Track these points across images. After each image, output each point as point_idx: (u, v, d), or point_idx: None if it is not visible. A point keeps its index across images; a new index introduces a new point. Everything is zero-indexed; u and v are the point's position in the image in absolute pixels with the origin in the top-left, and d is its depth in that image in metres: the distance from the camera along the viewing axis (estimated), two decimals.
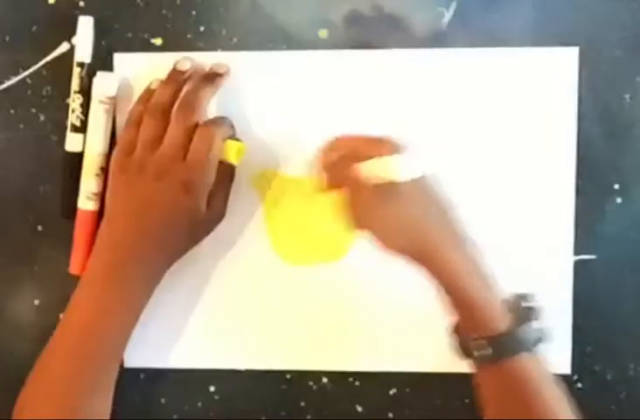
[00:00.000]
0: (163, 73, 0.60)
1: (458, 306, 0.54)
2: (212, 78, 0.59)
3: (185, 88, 0.58)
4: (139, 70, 0.62)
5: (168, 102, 0.58)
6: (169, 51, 0.62)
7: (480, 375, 0.54)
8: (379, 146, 0.52)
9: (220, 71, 0.59)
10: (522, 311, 0.54)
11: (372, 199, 0.52)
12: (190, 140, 0.56)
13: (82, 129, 0.61)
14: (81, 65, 0.61)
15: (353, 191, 0.53)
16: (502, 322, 0.52)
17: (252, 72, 0.62)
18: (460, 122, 0.61)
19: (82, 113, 0.61)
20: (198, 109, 0.57)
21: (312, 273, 0.63)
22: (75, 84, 0.61)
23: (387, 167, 0.51)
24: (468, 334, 0.54)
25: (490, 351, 0.52)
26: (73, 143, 0.62)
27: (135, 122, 0.58)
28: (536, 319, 0.54)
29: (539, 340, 0.53)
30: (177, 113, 0.57)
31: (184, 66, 0.58)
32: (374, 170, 0.51)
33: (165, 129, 0.57)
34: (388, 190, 0.52)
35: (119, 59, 0.62)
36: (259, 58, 0.61)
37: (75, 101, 0.61)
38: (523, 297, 0.55)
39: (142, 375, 0.65)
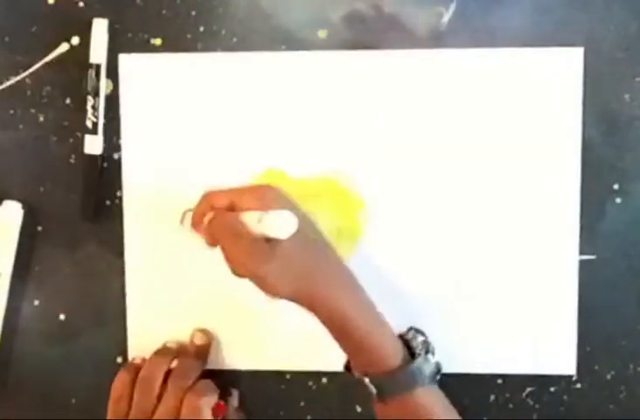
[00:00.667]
0: (165, 74, 0.61)
1: (348, 344, 0.55)
2: (199, 352, 0.62)
3: (176, 363, 0.60)
4: (143, 70, 0.62)
5: (158, 377, 0.59)
6: (168, 51, 0.62)
7: (378, 409, 0.56)
8: (252, 198, 0.52)
9: (200, 342, 0.62)
10: (415, 345, 0.55)
11: (255, 249, 0.51)
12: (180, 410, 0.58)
13: (95, 130, 0.61)
14: (93, 66, 0.61)
15: (234, 242, 0.52)
16: (393, 360, 0.54)
17: (252, 72, 0.62)
18: (462, 123, 0.61)
19: (94, 114, 0.61)
20: (190, 382, 0.59)
21: None
22: (88, 86, 0.61)
23: (268, 225, 0.50)
24: (360, 370, 0.56)
25: (374, 390, 0.55)
26: (89, 145, 0.62)
27: (123, 396, 0.59)
28: (431, 353, 0.56)
29: (434, 374, 0.55)
30: (172, 386, 0.59)
31: (173, 345, 0.62)
32: (255, 227, 0.50)
33: (154, 403, 0.58)
34: (270, 241, 0.51)
35: (123, 59, 0.62)
36: (259, 58, 0.61)
37: (87, 103, 0.61)
38: (415, 331, 0.57)
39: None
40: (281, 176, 0.62)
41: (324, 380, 0.64)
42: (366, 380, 0.55)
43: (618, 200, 0.61)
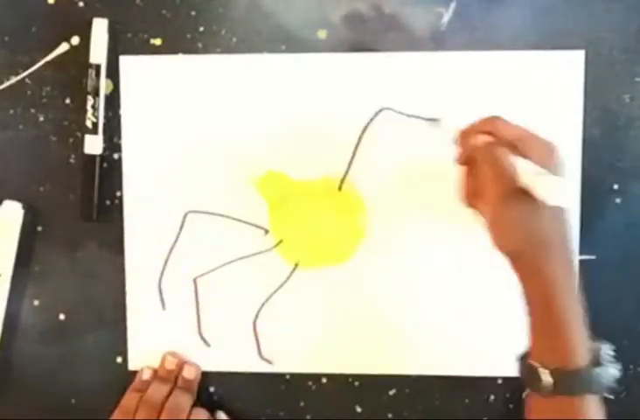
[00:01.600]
0: (166, 76, 0.62)
1: (543, 328, 0.52)
2: (188, 385, 0.63)
3: (170, 399, 0.62)
4: (144, 72, 0.62)
5: (160, 399, 0.62)
6: (168, 51, 0.62)
7: (535, 404, 0.53)
8: (538, 147, 0.51)
9: (190, 377, 0.63)
10: (603, 353, 0.52)
11: (509, 193, 0.50)
12: None
13: (95, 130, 0.61)
14: (93, 66, 0.61)
15: (492, 176, 0.50)
16: (580, 357, 0.51)
17: (253, 74, 0.62)
18: (463, 125, 0.61)
19: (94, 114, 0.61)
20: (184, 413, 0.61)
21: (318, 276, 0.63)
22: (88, 86, 0.61)
23: (545, 186, 0.48)
24: (539, 360, 0.52)
25: (550, 382, 0.51)
26: (89, 145, 0.62)
27: (129, 411, 0.62)
28: (615, 367, 0.53)
29: (610, 387, 0.52)
30: (166, 415, 0.61)
31: (172, 365, 0.63)
32: (526, 179, 0.49)
33: None
34: (525, 194, 0.49)
35: (124, 61, 0.62)
36: (259, 60, 0.61)
37: (87, 103, 0.61)
38: (604, 342, 0.54)
39: None
40: (282, 178, 0.62)
41: (324, 380, 0.64)
42: (545, 371, 0.51)
43: (618, 200, 0.61)
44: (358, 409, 0.64)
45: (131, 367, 0.64)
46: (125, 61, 0.62)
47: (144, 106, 0.62)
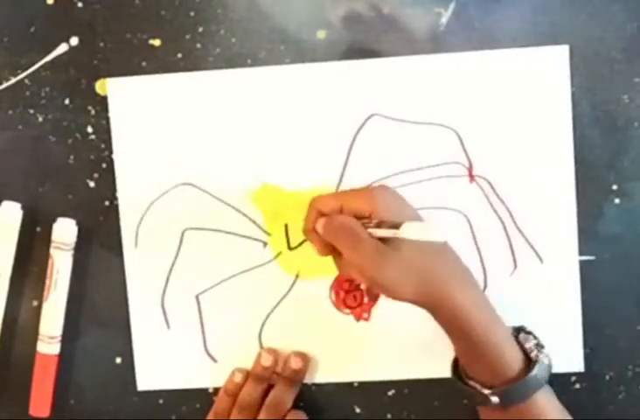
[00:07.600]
0: (154, 95, 0.62)
1: (470, 354, 0.54)
2: (293, 377, 0.62)
3: (272, 392, 0.62)
4: (132, 93, 0.62)
5: (255, 400, 0.62)
6: (167, 51, 0.62)
7: (489, 414, 0.55)
8: (362, 200, 0.53)
9: (298, 366, 0.61)
10: (530, 349, 0.54)
11: (377, 253, 0.50)
12: None
13: None
14: None
15: (353, 245, 0.51)
16: (515, 368, 0.53)
17: (241, 87, 0.61)
18: (458, 128, 0.61)
19: None
20: (284, 410, 0.62)
21: (319, 285, 0.63)
22: None
23: (430, 232, 0.49)
24: (476, 380, 0.54)
25: (497, 400, 0.53)
26: None
27: (222, 415, 0.62)
28: (543, 355, 0.54)
29: (549, 374, 0.54)
30: (266, 413, 0.61)
31: (267, 361, 0.62)
32: (414, 234, 0.49)
33: None
34: (390, 243, 0.51)
35: (112, 83, 0.62)
36: (245, 74, 0.61)
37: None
38: (525, 332, 0.56)
39: None
40: (277, 190, 0.62)
41: None
42: (485, 391, 0.53)
43: (617, 201, 0.61)
44: (358, 410, 0.64)
45: (140, 387, 0.64)
46: (112, 83, 0.62)
47: (135, 126, 0.62)
